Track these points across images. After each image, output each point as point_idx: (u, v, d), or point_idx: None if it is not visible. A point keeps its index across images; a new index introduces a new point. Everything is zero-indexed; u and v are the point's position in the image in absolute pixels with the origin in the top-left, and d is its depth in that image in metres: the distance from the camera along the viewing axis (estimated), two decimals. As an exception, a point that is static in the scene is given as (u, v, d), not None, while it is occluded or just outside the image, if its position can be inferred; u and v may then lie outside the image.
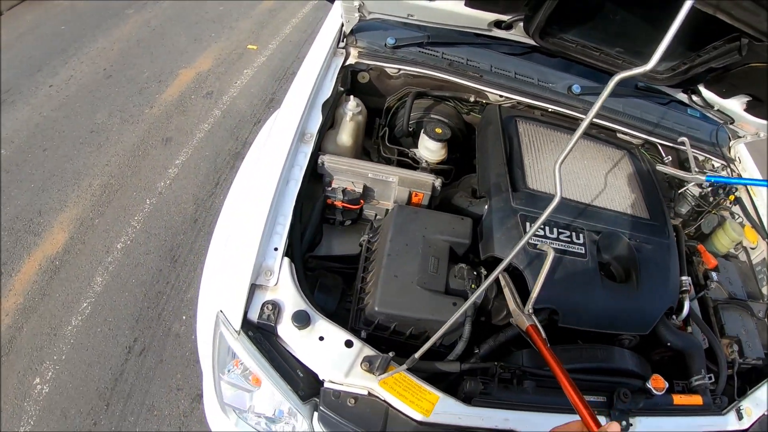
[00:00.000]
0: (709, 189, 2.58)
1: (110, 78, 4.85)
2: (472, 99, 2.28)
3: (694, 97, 2.37)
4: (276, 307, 1.33)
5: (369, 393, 1.31)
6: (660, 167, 2.37)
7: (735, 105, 2.36)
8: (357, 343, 1.34)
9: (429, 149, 2.00)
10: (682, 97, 2.41)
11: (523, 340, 1.56)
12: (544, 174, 1.88)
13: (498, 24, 2.01)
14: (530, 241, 1.61)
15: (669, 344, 1.79)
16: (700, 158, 2.64)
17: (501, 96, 2.23)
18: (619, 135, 2.47)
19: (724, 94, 2.32)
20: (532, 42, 2.05)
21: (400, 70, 2.20)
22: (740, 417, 1.71)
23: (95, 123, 4.31)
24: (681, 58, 2.03)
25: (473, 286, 1.52)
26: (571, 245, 1.69)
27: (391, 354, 1.30)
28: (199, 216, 3.65)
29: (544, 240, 1.64)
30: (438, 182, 1.83)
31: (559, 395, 1.45)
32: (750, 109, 2.33)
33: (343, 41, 2.20)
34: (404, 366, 1.23)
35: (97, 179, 3.82)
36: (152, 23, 5.76)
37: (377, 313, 1.41)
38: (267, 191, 1.54)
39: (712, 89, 2.29)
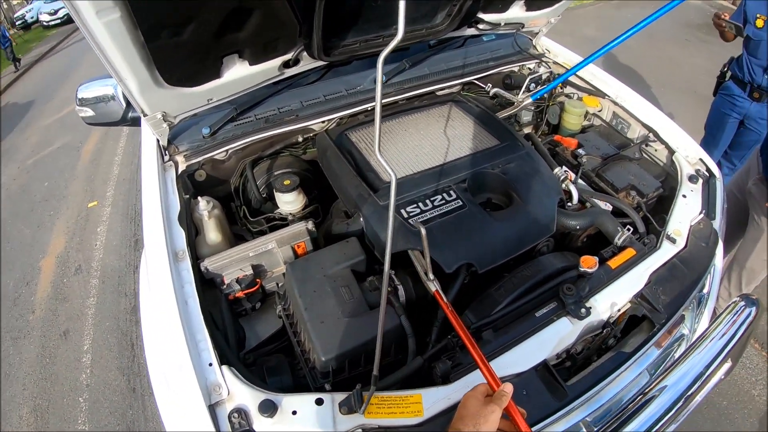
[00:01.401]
0: (537, 87, 2.79)
1: (-22, 305, 4.60)
2: (300, 139, 2.37)
3: (480, 26, 2.59)
4: (241, 411, 1.33)
5: (363, 430, 1.33)
6: (501, 113, 2.55)
7: (517, 12, 2.63)
8: (326, 397, 1.37)
9: (287, 202, 2.07)
10: (472, 31, 2.62)
11: (465, 306, 1.66)
12: (392, 163, 2.02)
13: (286, 64, 2.12)
14: (410, 221, 1.73)
15: (578, 227, 1.96)
16: (516, 69, 2.90)
17: (323, 122, 2.33)
18: (439, 93, 2.65)
19: (501, 9, 2.56)
20: (323, 62, 2.17)
21: (227, 152, 2.24)
22: (673, 241, 1.87)
23: (-10, 357, 4.06)
24: (447, 5, 2.22)
25: (389, 289, 1.60)
26: (447, 205, 1.83)
27: (358, 386, 1.33)
28: (135, 384, 3.52)
29: (421, 215, 1.77)
30: (310, 224, 1.90)
31: (517, 326, 1.58)
32: (530, 8, 2.60)
33: (165, 154, 2.19)
34: (373, 388, 1.28)
35: (23, 407, 3.60)
36: (-11, 231, 5.52)
37: (327, 362, 1.44)
38: (173, 321, 1.52)
39: (490, 11, 2.53)
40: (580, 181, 2.24)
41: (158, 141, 2.19)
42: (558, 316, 1.59)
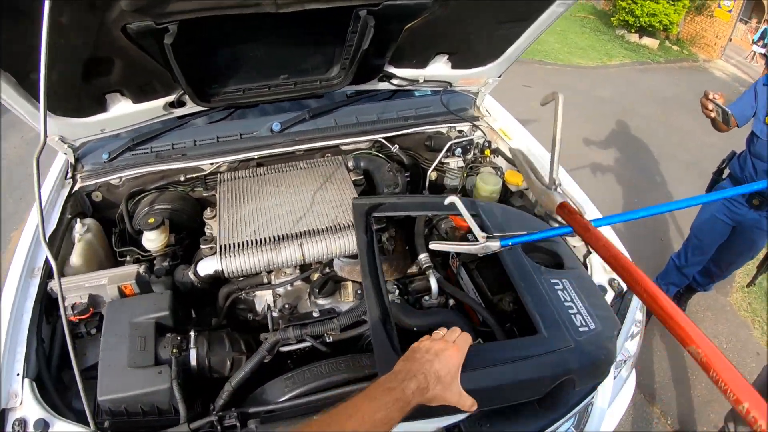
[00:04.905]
0: (461, 155, 2.66)
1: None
2: (182, 178, 2.39)
3: (395, 81, 2.45)
4: (23, 422, 1.50)
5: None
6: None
7: (441, 68, 2.45)
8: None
9: (150, 239, 2.11)
10: (385, 86, 2.49)
11: (265, 377, 1.67)
12: (243, 222, 2.08)
13: (172, 104, 2.20)
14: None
15: (415, 328, 1.70)
16: (444, 131, 2.74)
17: (211, 164, 2.39)
18: (344, 148, 2.60)
19: (419, 64, 2.39)
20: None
21: (121, 178, 2.33)
22: None
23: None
24: (340, 57, 2.14)
25: (174, 350, 1.66)
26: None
27: None
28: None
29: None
30: (142, 268, 1.94)
31: (279, 419, 1.57)
32: (456, 65, 2.44)
33: (70, 173, 2.33)
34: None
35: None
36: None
37: (103, 402, 1.56)
38: (2, 333, 1.69)
39: (405, 66, 2.39)
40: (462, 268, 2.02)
41: (67, 161, 2.34)
42: None
